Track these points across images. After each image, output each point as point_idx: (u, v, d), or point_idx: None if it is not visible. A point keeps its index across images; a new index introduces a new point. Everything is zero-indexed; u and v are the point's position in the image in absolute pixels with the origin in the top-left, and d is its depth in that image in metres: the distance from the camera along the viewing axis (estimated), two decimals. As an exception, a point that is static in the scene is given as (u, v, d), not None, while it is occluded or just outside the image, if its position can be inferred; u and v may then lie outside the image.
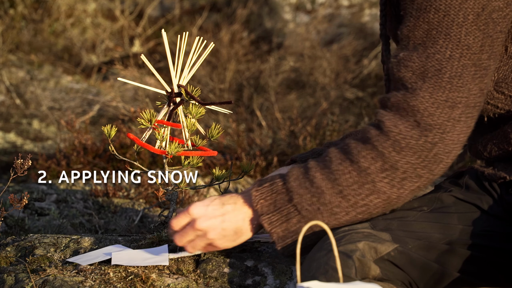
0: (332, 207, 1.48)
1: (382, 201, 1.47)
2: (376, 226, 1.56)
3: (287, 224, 1.51)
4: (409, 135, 1.44)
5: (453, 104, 1.44)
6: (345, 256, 1.45)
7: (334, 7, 7.32)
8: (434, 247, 1.55)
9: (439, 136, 1.44)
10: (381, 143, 1.45)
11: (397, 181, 1.45)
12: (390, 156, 1.44)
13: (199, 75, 5.56)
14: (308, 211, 1.49)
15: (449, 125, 1.44)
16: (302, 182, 1.49)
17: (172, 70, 1.92)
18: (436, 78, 1.44)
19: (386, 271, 1.49)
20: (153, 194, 3.35)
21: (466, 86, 1.44)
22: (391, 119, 1.47)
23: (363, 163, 1.45)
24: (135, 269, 1.72)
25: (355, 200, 1.47)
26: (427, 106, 1.44)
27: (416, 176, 1.46)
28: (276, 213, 1.51)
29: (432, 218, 1.60)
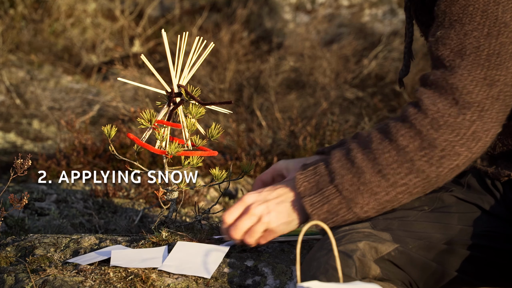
0: (372, 187, 1.48)
1: (421, 180, 1.47)
2: (377, 226, 1.56)
3: (328, 205, 1.51)
4: (448, 113, 1.44)
5: (491, 82, 1.43)
6: (345, 255, 1.45)
7: (334, 7, 7.32)
8: (434, 247, 1.55)
9: (478, 114, 1.44)
10: (419, 121, 1.45)
11: (435, 159, 1.45)
12: (428, 134, 1.44)
13: (199, 75, 5.56)
14: (348, 191, 1.49)
15: (487, 103, 1.44)
16: (344, 163, 1.50)
17: (172, 70, 1.92)
18: (474, 56, 1.44)
19: (387, 271, 1.49)
20: (153, 194, 3.35)
21: (504, 64, 1.44)
22: (429, 97, 1.47)
23: (401, 141, 1.45)
24: (135, 269, 1.72)
25: (395, 179, 1.47)
26: (465, 84, 1.43)
27: (454, 154, 1.45)
28: (318, 195, 1.52)
29: (432, 218, 1.60)
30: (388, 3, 7.22)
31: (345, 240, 1.50)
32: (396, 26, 7.00)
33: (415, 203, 1.64)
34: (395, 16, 7.11)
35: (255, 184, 1.90)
